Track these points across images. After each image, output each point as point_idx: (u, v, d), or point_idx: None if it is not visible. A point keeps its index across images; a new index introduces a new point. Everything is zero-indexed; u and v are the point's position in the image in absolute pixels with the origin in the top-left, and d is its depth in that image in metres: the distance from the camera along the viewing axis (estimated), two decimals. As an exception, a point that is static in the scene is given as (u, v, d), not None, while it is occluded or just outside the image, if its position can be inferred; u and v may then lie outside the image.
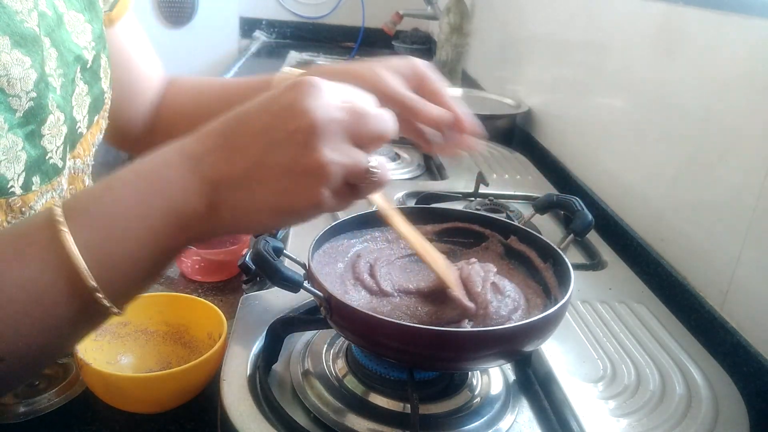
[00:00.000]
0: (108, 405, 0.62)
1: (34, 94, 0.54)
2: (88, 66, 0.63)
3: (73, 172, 0.63)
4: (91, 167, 0.68)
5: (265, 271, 0.49)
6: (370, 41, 2.76)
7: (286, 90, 0.41)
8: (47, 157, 0.57)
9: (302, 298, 0.65)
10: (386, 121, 0.43)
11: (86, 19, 0.63)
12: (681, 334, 0.67)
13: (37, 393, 0.63)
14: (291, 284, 0.49)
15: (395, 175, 1.11)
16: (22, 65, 0.52)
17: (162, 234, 0.39)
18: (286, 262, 0.54)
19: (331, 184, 0.40)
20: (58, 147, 0.58)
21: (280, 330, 0.57)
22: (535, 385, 0.59)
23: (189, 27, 2.96)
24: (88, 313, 0.38)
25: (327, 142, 0.39)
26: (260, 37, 2.99)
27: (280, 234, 0.85)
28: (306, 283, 0.50)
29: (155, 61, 0.84)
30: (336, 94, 0.41)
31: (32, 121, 0.54)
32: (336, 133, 0.40)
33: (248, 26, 3.03)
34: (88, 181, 0.68)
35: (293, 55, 2.64)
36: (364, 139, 0.41)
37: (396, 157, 1.18)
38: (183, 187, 0.39)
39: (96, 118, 0.66)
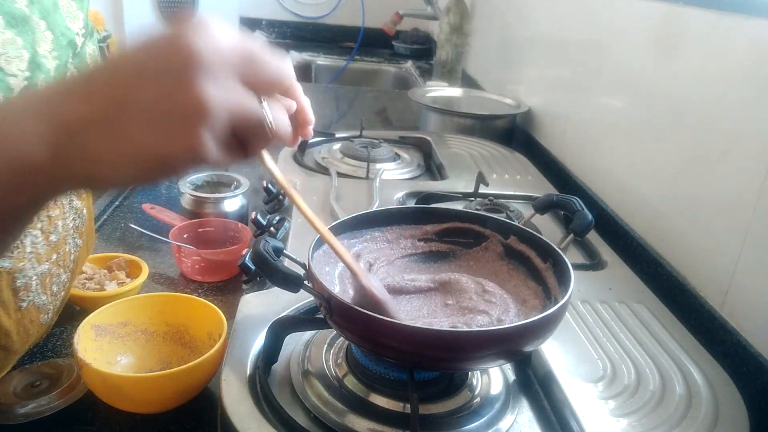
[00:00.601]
0: (108, 405, 0.62)
1: (27, 74, 0.54)
2: (77, 51, 0.64)
3: None
4: None
5: (265, 271, 0.49)
6: (370, 41, 2.76)
7: (170, 27, 0.35)
8: None
9: (302, 298, 0.65)
10: (283, 65, 0.38)
11: (77, 7, 0.64)
12: (681, 334, 0.67)
13: (38, 394, 0.63)
14: (291, 284, 0.49)
15: (394, 175, 1.11)
16: (15, 44, 0.53)
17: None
18: (286, 262, 0.54)
19: (214, 127, 0.34)
20: None
21: (280, 330, 0.57)
22: (535, 385, 0.59)
23: (189, 27, 2.96)
24: None
25: (210, 76, 0.33)
26: (260, 37, 2.99)
27: (280, 234, 0.85)
28: (306, 283, 0.50)
29: None
30: (228, 32, 0.35)
31: None
32: (222, 68, 0.34)
33: (248, 26, 3.03)
34: None
35: (293, 55, 2.64)
36: (257, 81, 0.36)
37: (396, 157, 1.18)
38: (21, 134, 0.33)
39: None
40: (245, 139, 0.37)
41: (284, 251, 0.56)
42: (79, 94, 0.34)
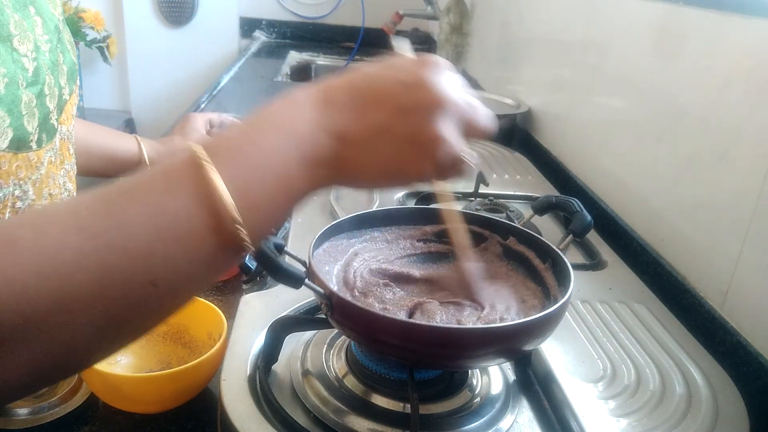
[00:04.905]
0: (108, 405, 0.62)
1: (34, 55, 0.57)
2: (60, 36, 0.65)
3: (61, 137, 0.66)
4: (73, 138, 0.70)
5: (268, 268, 0.49)
6: (370, 41, 2.75)
7: (416, 64, 0.43)
8: (49, 116, 0.60)
9: (302, 298, 0.65)
10: (491, 120, 0.46)
11: None
12: (681, 334, 0.67)
13: (39, 397, 0.62)
14: (293, 280, 0.49)
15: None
16: (23, 27, 0.56)
17: (295, 179, 0.40)
18: (287, 260, 0.54)
19: (438, 159, 0.42)
20: (54, 108, 0.61)
21: (280, 330, 0.57)
22: (535, 385, 0.59)
23: (189, 27, 2.96)
24: (227, 248, 0.39)
25: (447, 120, 0.42)
26: (260, 37, 2.98)
27: (281, 233, 0.85)
28: (308, 281, 0.50)
29: None
30: (458, 83, 0.44)
31: (38, 81, 0.58)
32: (454, 115, 0.43)
33: (248, 26, 3.03)
34: (72, 150, 0.69)
35: (293, 55, 2.64)
36: (470, 129, 0.44)
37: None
38: (315, 139, 0.41)
39: (74, 87, 0.69)
40: (445, 171, 0.45)
41: (285, 249, 0.55)
42: (351, 114, 0.42)
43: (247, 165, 0.39)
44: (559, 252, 0.58)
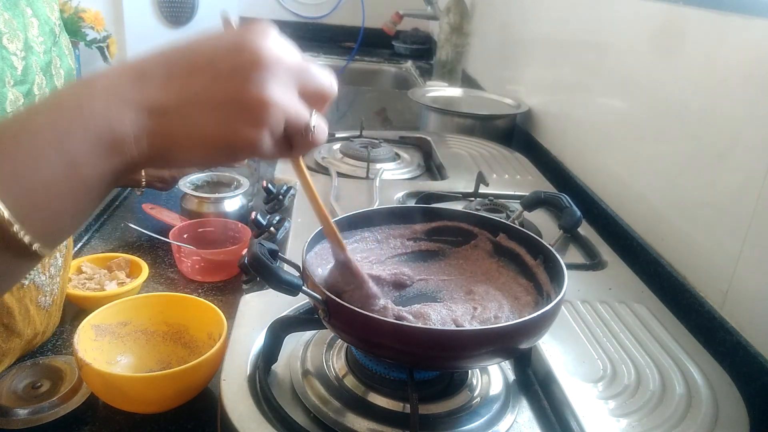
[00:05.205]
0: (108, 405, 0.62)
1: (24, 54, 0.58)
2: (56, 40, 0.66)
3: None
4: None
5: (263, 276, 0.49)
6: (370, 41, 2.76)
7: (237, 30, 0.40)
8: None
9: (302, 297, 0.65)
10: (331, 79, 0.42)
11: None
12: (681, 334, 0.67)
13: (39, 397, 0.63)
14: (289, 288, 0.49)
15: (394, 175, 1.11)
16: (12, 26, 0.57)
17: (89, 164, 0.36)
18: (283, 267, 0.54)
19: (271, 125, 0.38)
20: None
21: (280, 330, 0.57)
22: (535, 385, 0.59)
23: (189, 27, 2.96)
24: (8, 251, 0.34)
25: (272, 81, 0.38)
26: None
27: (281, 234, 0.85)
28: (305, 288, 0.50)
29: None
30: (286, 45, 0.40)
31: (26, 80, 0.57)
32: (283, 76, 0.39)
33: (248, 26, 3.03)
34: None
35: (293, 55, 2.64)
36: (308, 91, 0.41)
37: (396, 157, 1.18)
38: (117, 117, 0.36)
39: None
40: (292, 141, 0.41)
41: (279, 254, 0.55)
42: (159, 81, 0.38)
43: (23, 156, 0.34)
44: (550, 248, 0.58)
